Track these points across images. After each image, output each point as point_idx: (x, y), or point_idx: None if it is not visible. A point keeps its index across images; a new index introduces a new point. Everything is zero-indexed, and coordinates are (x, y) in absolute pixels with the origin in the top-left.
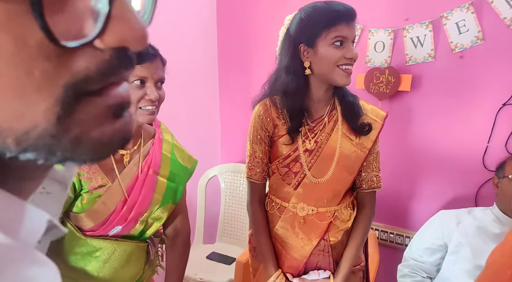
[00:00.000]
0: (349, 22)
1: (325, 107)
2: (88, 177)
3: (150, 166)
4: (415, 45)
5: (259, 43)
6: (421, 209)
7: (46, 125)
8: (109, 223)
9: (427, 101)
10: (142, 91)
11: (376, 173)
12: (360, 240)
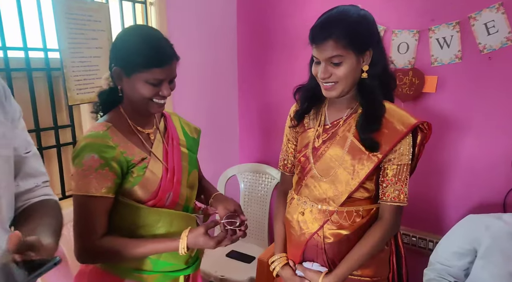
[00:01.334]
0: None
1: (345, 110)
2: (130, 152)
3: (173, 138)
4: (441, 46)
5: (278, 45)
6: (446, 214)
7: None
8: (161, 190)
9: (453, 103)
10: (157, 88)
11: (400, 187)
12: (365, 249)
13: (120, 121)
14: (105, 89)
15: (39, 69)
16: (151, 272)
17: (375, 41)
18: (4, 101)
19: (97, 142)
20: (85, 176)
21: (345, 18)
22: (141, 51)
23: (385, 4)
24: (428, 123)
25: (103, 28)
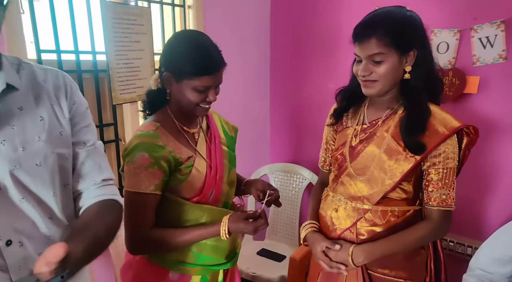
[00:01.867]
0: None
1: (385, 110)
2: (177, 151)
3: (215, 137)
4: (484, 45)
5: (311, 46)
6: (487, 219)
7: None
8: (206, 187)
9: (496, 105)
10: (204, 94)
11: (447, 191)
12: (406, 238)
13: (167, 122)
14: (153, 90)
15: (87, 71)
16: (193, 265)
17: (421, 42)
18: (65, 99)
19: (148, 141)
20: (136, 173)
21: (389, 17)
22: (192, 60)
23: (424, 3)
24: (474, 127)
25: (145, 31)
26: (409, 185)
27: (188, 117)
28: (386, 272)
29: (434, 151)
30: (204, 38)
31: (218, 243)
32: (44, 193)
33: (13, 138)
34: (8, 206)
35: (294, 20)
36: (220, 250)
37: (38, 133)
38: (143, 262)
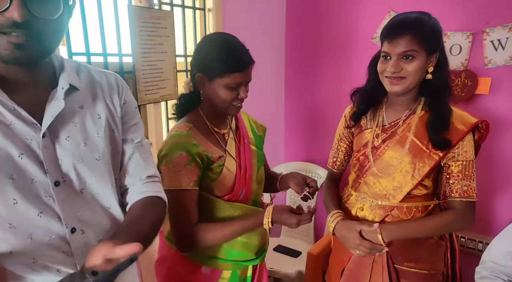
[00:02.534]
0: None
1: (404, 111)
2: (209, 151)
3: (244, 137)
4: (496, 48)
5: (324, 47)
6: (498, 216)
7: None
8: (236, 186)
9: (507, 105)
10: (236, 92)
11: (468, 182)
12: (430, 223)
13: (199, 122)
14: (186, 93)
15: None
16: (225, 261)
17: (442, 46)
18: (118, 98)
19: (183, 141)
20: (176, 172)
21: (421, 19)
22: (222, 59)
23: (438, 7)
24: (486, 123)
25: (168, 34)
26: (429, 181)
27: (219, 118)
28: (411, 265)
29: (454, 146)
30: (232, 38)
31: (249, 240)
32: (103, 185)
33: (76, 135)
34: (72, 197)
35: (309, 22)
36: (250, 246)
37: (97, 130)
38: (177, 256)
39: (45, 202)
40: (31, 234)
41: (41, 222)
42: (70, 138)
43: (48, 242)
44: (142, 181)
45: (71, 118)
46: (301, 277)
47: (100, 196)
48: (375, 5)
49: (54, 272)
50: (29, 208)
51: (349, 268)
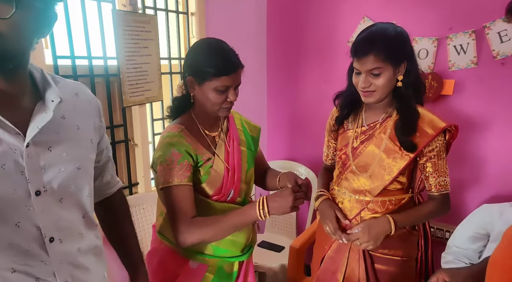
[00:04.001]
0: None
1: (381, 114)
2: (199, 152)
3: (233, 140)
4: (458, 52)
5: (305, 50)
6: (462, 206)
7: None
8: (224, 187)
9: (469, 105)
10: (225, 95)
11: (443, 178)
12: (418, 213)
13: (191, 125)
14: (178, 96)
15: (99, 75)
16: (212, 256)
17: (409, 54)
18: (96, 111)
19: (175, 140)
20: (170, 169)
21: (384, 35)
22: (211, 62)
23: (407, 14)
24: (455, 126)
25: (153, 37)
26: (404, 177)
27: (210, 120)
28: (385, 252)
29: (428, 147)
30: (221, 43)
31: (235, 238)
32: (82, 194)
33: (58, 145)
34: (51, 206)
35: (289, 26)
36: (236, 243)
37: (77, 140)
38: (167, 250)
39: (24, 211)
40: (9, 244)
41: (20, 232)
42: (53, 148)
43: (26, 251)
44: (113, 175)
45: (53, 128)
46: (284, 270)
47: (78, 205)
48: (350, 12)
49: (33, 281)
50: (7, 218)
51: (329, 256)
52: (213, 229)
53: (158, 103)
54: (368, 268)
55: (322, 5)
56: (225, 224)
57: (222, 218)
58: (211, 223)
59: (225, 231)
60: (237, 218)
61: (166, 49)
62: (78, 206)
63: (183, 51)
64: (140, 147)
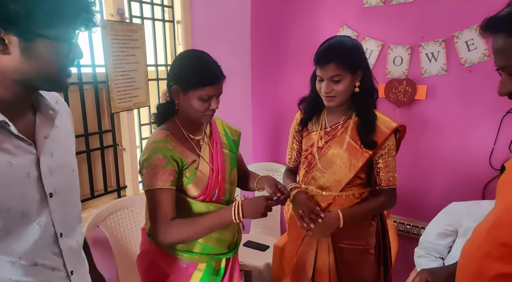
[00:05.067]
0: None
1: (342, 116)
2: (184, 155)
3: (217, 142)
4: (430, 59)
5: (288, 55)
6: (434, 204)
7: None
8: (209, 187)
9: (440, 109)
10: (208, 103)
11: (392, 174)
12: (369, 207)
13: (175, 130)
14: (163, 103)
15: (88, 82)
16: (200, 254)
17: (364, 64)
18: (70, 120)
19: (161, 146)
20: (155, 173)
21: (343, 46)
22: (197, 73)
23: (382, 23)
24: (404, 126)
25: (140, 45)
26: (363, 173)
27: (194, 125)
28: (350, 242)
29: (381, 145)
30: (205, 55)
31: (222, 235)
32: (76, 194)
33: (57, 151)
34: (60, 206)
35: (272, 33)
36: (223, 241)
37: (68, 146)
38: (157, 251)
39: (43, 211)
40: (35, 240)
41: (41, 229)
42: (54, 154)
43: (46, 246)
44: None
45: (52, 137)
46: (269, 268)
47: (75, 204)
48: (330, 20)
49: (50, 271)
50: (32, 218)
51: (301, 250)
52: (190, 230)
53: (145, 109)
54: (338, 258)
55: (304, 13)
56: (202, 226)
57: (199, 219)
58: (188, 224)
59: (202, 232)
60: (213, 220)
61: (153, 56)
62: (75, 204)
63: (170, 58)
64: (128, 151)
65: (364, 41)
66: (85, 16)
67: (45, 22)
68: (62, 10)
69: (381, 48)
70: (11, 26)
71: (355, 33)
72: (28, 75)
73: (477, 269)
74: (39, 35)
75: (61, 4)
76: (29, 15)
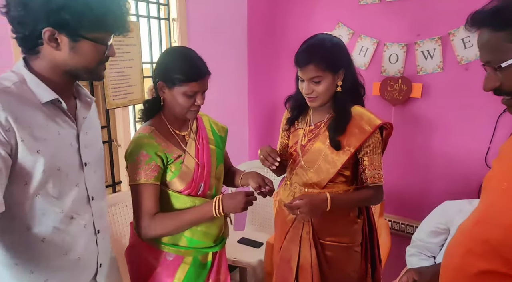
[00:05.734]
0: None
1: (326, 114)
2: (169, 150)
3: (203, 138)
4: (426, 57)
5: (284, 52)
6: (429, 202)
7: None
8: (195, 182)
9: (436, 107)
10: (193, 99)
11: (377, 171)
12: (355, 197)
13: (161, 126)
14: (149, 99)
15: None
16: (186, 248)
17: (346, 62)
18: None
19: (145, 142)
20: (138, 168)
21: (321, 46)
22: (181, 69)
23: (378, 21)
24: (390, 123)
25: (135, 42)
26: (348, 170)
27: (179, 121)
28: (332, 239)
29: (365, 143)
30: (190, 51)
31: (208, 229)
32: (103, 167)
33: (90, 130)
34: (91, 174)
35: (269, 30)
36: (209, 235)
37: (96, 128)
38: (144, 245)
39: (80, 176)
40: (74, 198)
41: (78, 190)
42: (88, 133)
43: (81, 205)
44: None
45: (88, 118)
46: (262, 265)
47: (102, 176)
48: (326, 18)
49: (82, 226)
50: (73, 180)
51: (284, 245)
52: (172, 224)
53: (140, 106)
54: (320, 254)
55: (300, 11)
56: (184, 220)
57: (181, 213)
58: (170, 218)
59: (184, 225)
60: (195, 214)
61: (148, 53)
62: (102, 176)
63: None
64: (123, 147)
65: (359, 38)
66: (120, 24)
67: (89, 28)
68: (102, 19)
69: (376, 46)
70: (64, 29)
71: (350, 31)
72: (73, 67)
73: (459, 265)
74: (83, 37)
75: (101, 15)
76: (78, 22)
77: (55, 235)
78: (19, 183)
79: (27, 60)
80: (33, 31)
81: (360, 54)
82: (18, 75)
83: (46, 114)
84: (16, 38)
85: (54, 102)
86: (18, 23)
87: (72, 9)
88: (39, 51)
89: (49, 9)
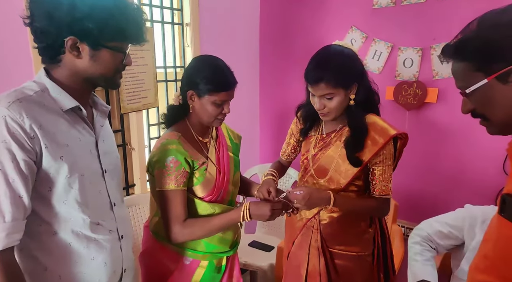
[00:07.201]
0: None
1: (338, 124)
2: (195, 157)
3: (223, 145)
4: (442, 62)
5: (297, 56)
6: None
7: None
8: (216, 188)
9: (452, 112)
10: (221, 108)
11: (386, 183)
12: (357, 202)
13: (186, 132)
14: (175, 105)
15: None
16: (204, 252)
17: (359, 75)
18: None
19: (174, 148)
20: (169, 174)
21: (332, 63)
22: (212, 80)
23: (392, 24)
24: (405, 133)
25: (149, 48)
26: (360, 180)
27: (203, 128)
28: (341, 248)
29: (377, 154)
30: (219, 61)
31: (224, 235)
32: (119, 173)
33: (107, 138)
34: (111, 181)
35: (281, 35)
36: (225, 240)
37: (111, 135)
38: (162, 248)
39: (102, 183)
40: (97, 205)
41: (101, 197)
42: (105, 141)
43: (104, 211)
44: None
45: (104, 126)
46: (273, 269)
47: (119, 183)
48: (339, 22)
49: (107, 232)
50: (95, 187)
51: (293, 252)
52: (201, 230)
53: (154, 110)
54: (328, 263)
55: (312, 15)
56: (213, 226)
57: (210, 220)
58: (200, 224)
59: (212, 231)
60: (223, 221)
61: (162, 58)
62: (119, 183)
63: (178, 60)
64: (137, 150)
65: (373, 42)
66: (138, 35)
67: (110, 36)
68: (123, 29)
69: (390, 50)
70: (85, 38)
71: (364, 35)
72: (92, 74)
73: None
74: (104, 46)
75: (121, 25)
76: (100, 31)
77: (82, 240)
78: (44, 189)
79: (47, 70)
80: (56, 40)
81: (374, 58)
82: (39, 85)
83: (68, 122)
84: (37, 48)
85: (75, 110)
86: (42, 32)
87: (95, 18)
88: (61, 59)
89: (73, 18)
